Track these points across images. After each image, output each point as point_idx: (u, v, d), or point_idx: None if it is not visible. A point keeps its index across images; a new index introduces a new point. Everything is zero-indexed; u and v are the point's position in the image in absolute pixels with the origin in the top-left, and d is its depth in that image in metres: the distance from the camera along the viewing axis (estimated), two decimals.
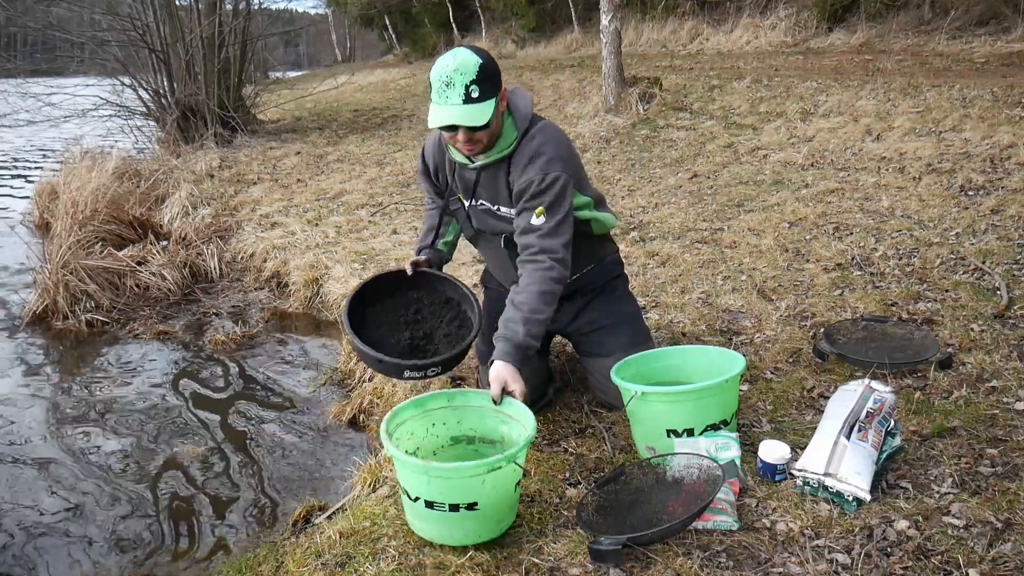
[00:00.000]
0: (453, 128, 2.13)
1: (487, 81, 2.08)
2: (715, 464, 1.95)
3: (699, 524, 1.86)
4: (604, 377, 2.38)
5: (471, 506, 1.82)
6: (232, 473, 2.99)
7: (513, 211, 2.32)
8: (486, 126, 2.13)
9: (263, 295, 5.07)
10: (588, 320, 2.57)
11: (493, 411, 2.13)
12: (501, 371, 2.09)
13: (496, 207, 2.37)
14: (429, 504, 1.84)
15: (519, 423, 2.06)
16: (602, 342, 2.52)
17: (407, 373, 2.31)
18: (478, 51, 2.11)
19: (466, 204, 2.44)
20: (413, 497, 1.87)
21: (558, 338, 2.83)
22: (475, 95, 2.06)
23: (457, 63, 2.06)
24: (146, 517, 2.71)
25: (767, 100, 7.44)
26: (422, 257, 2.55)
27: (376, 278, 2.55)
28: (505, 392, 2.08)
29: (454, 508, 1.82)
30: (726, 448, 2.07)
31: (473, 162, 2.28)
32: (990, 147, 5.00)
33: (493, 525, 1.90)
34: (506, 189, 2.31)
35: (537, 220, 2.21)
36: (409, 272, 2.51)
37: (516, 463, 1.85)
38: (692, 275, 3.85)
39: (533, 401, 2.39)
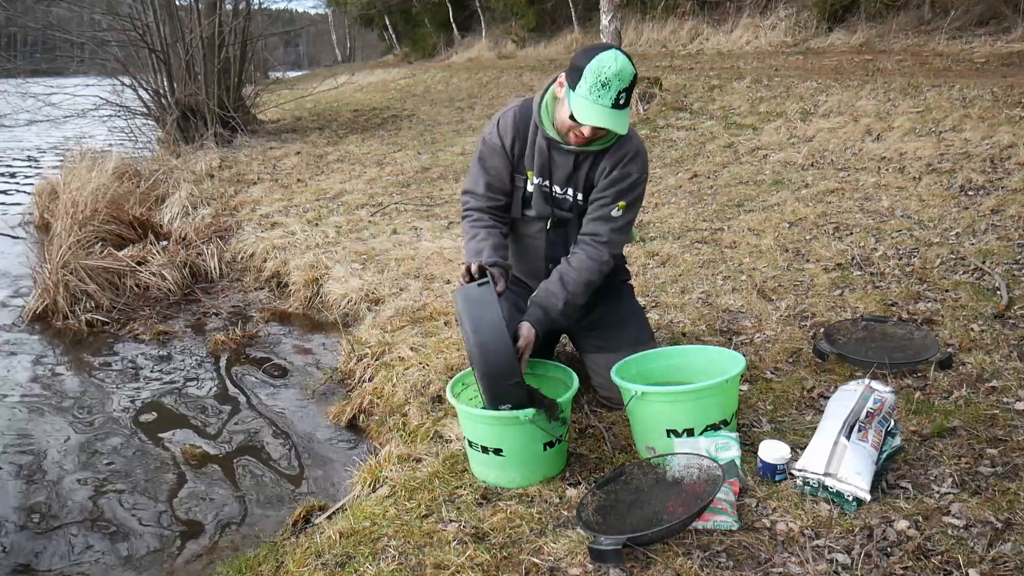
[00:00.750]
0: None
1: (632, 90, 2.18)
2: (715, 464, 1.95)
3: (699, 524, 1.86)
4: (609, 373, 2.39)
5: (498, 451, 2.15)
6: (232, 473, 2.99)
7: (580, 196, 2.41)
8: None
9: (263, 295, 5.06)
10: (594, 317, 2.60)
11: (564, 384, 2.37)
12: (528, 332, 2.32)
13: (565, 191, 2.43)
14: (472, 444, 2.22)
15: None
16: (608, 337, 2.54)
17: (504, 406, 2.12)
18: (629, 57, 2.18)
19: (532, 184, 2.45)
20: (468, 440, 2.26)
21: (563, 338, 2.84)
22: (622, 102, 2.16)
23: (618, 68, 2.12)
24: (145, 517, 2.71)
25: (767, 100, 7.44)
26: (500, 287, 2.26)
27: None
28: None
29: (485, 450, 2.18)
30: (726, 448, 2.07)
31: (570, 145, 2.34)
32: (990, 147, 5.00)
33: (517, 474, 2.18)
34: (585, 177, 2.39)
35: (616, 213, 2.38)
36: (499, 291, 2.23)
37: (532, 422, 2.08)
38: (692, 275, 3.85)
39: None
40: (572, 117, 2.20)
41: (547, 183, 2.43)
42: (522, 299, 2.65)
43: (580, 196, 2.43)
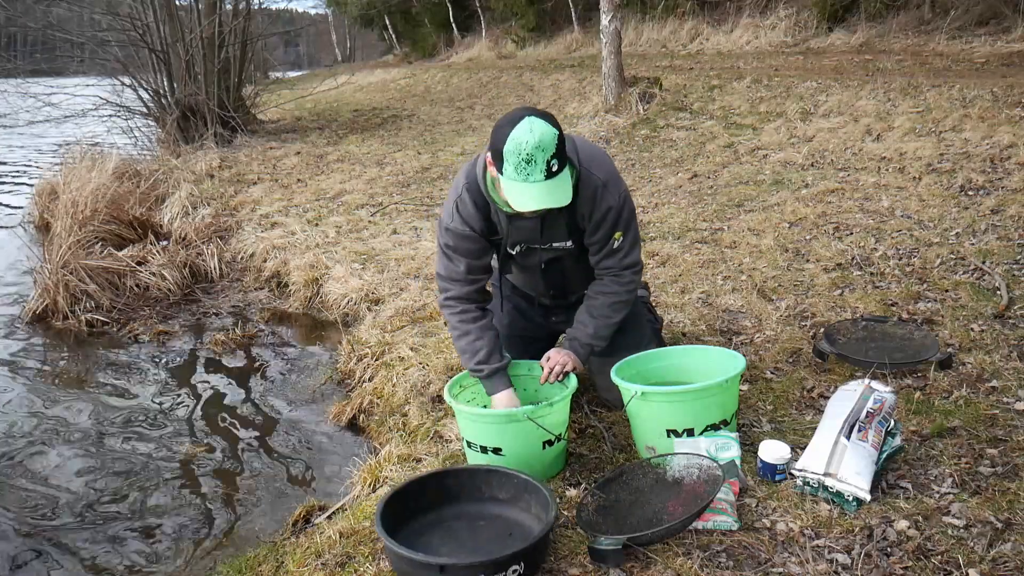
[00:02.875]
0: None
1: (563, 149, 2.03)
2: (715, 464, 1.95)
3: (699, 524, 1.86)
4: (609, 374, 2.38)
5: (497, 450, 2.17)
6: (232, 473, 2.99)
7: (569, 243, 2.34)
8: None
9: (263, 295, 5.06)
10: None
11: (560, 385, 2.38)
12: (563, 357, 2.37)
13: (549, 244, 2.35)
14: (471, 445, 2.24)
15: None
16: (610, 338, 2.53)
17: None
18: (549, 119, 2.02)
19: (514, 250, 2.38)
20: (466, 441, 2.28)
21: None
22: (555, 168, 2.00)
23: (537, 138, 1.96)
24: (145, 517, 2.71)
25: (767, 100, 7.44)
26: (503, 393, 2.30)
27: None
28: (564, 372, 2.37)
29: (484, 450, 2.19)
30: (726, 448, 2.07)
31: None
32: (990, 147, 4.99)
33: None
34: (566, 225, 2.29)
35: (617, 244, 2.31)
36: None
37: (532, 419, 2.10)
38: (692, 275, 3.85)
39: None
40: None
41: (525, 245, 2.36)
42: (523, 300, 2.65)
43: (570, 243, 2.34)
